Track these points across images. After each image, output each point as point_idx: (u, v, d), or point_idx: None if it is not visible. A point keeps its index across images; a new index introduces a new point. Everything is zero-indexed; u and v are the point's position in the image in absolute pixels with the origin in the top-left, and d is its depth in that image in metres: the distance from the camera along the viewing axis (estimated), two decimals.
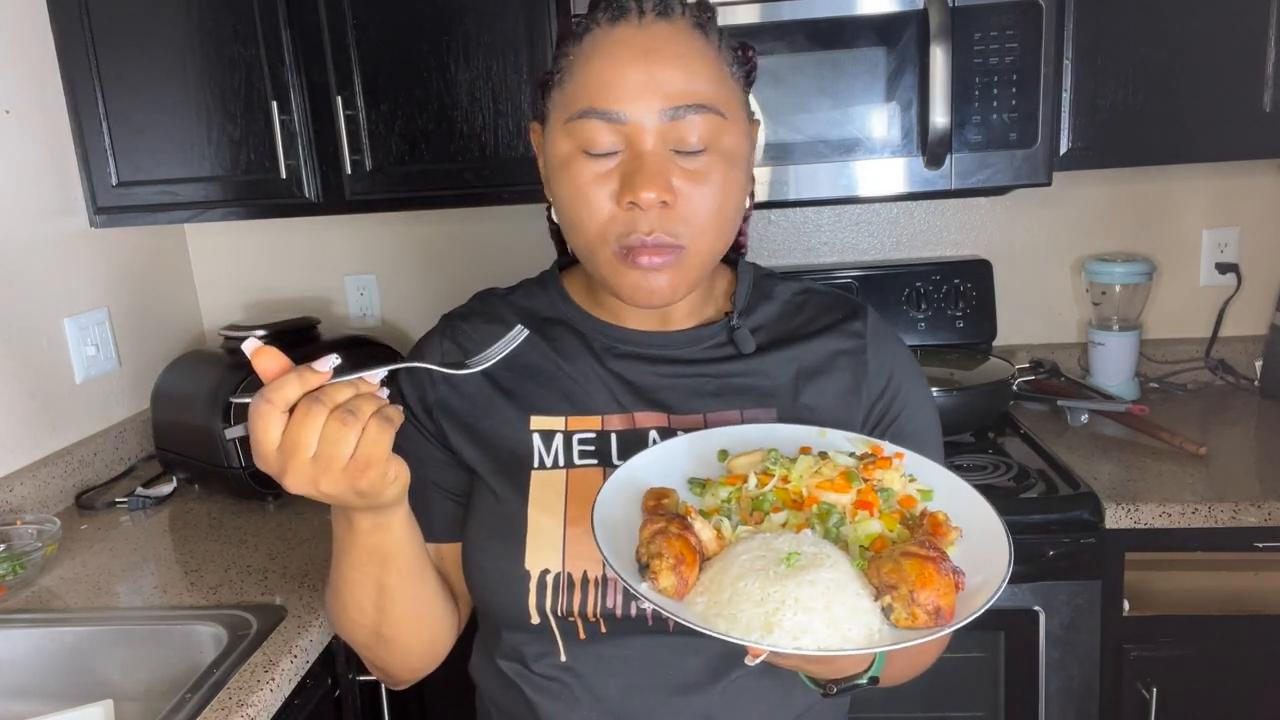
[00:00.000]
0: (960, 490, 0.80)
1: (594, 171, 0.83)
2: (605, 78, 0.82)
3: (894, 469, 0.79)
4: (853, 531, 0.74)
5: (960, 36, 1.57)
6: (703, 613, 0.68)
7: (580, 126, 0.82)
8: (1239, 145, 1.68)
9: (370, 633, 0.89)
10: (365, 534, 0.80)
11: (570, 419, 0.92)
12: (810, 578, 0.67)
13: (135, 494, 1.75)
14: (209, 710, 1.06)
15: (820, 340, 0.95)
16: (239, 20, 1.71)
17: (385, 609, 0.86)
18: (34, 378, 1.71)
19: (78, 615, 1.33)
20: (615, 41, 0.82)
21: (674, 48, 0.82)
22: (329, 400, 0.68)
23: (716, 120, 0.83)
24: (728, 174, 0.85)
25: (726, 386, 0.92)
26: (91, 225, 1.85)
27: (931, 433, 0.98)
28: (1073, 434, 1.80)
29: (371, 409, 0.69)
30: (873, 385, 0.94)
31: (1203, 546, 1.48)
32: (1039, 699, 1.53)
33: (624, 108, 0.81)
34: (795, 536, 0.71)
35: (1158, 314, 2.08)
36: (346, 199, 1.77)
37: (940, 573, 0.66)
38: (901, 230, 2.12)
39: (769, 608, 0.65)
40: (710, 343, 0.94)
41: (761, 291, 0.99)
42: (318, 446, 0.67)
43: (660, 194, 0.80)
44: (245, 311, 2.23)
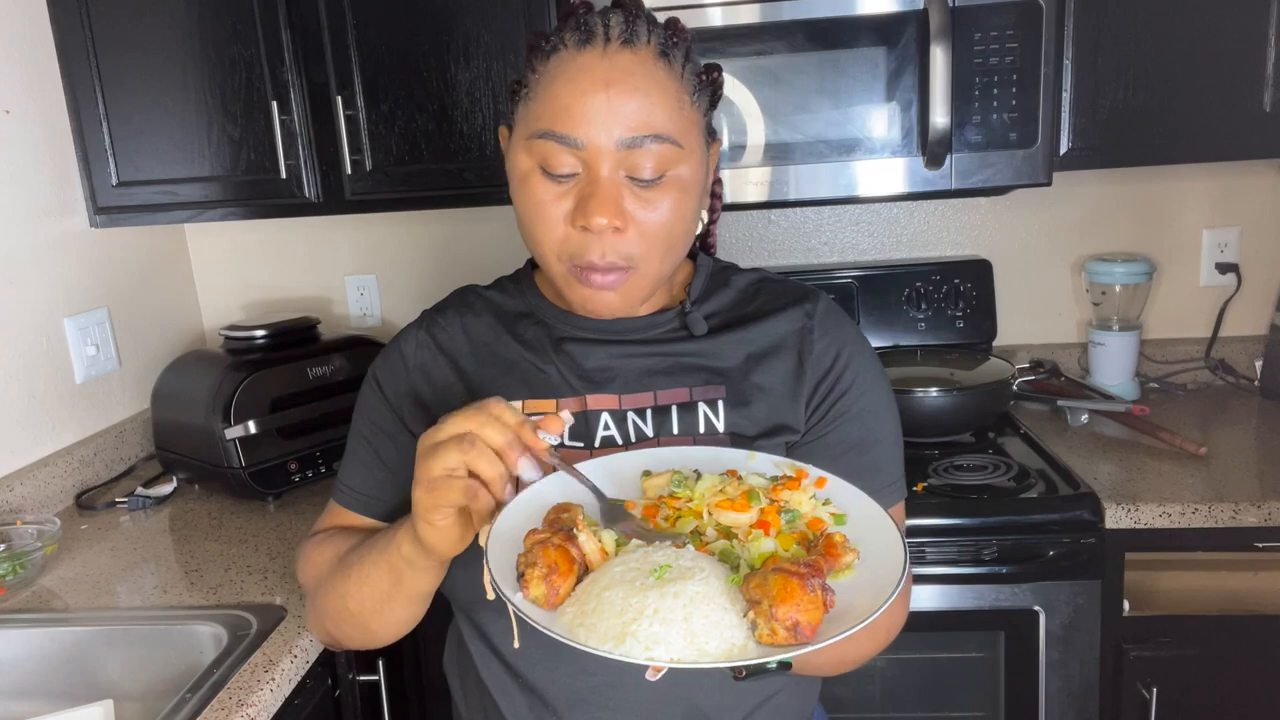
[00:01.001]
0: (873, 516, 0.79)
1: (551, 191, 0.87)
2: (565, 103, 0.84)
3: (803, 490, 0.80)
4: (746, 550, 0.75)
5: (960, 36, 1.57)
6: (569, 623, 0.68)
7: (540, 146, 0.86)
8: (1239, 145, 1.68)
9: (352, 619, 0.94)
10: (402, 555, 0.85)
11: (527, 403, 0.96)
12: (675, 590, 0.67)
13: (135, 494, 1.75)
14: (209, 710, 1.06)
15: (770, 322, 0.98)
16: (239, 20, 1.71)
17: (382, 613, 0.92)
18: (34, 378, 1.71)
19: (78, 615, 1.33)
20: (579, 68, 0.85)
21: (635, 79, 0.84)
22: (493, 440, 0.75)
23: (672, 150, 0.86)
24: (680, 201, 0.88)
25: (677, 365, 0.96)
26: (91, 225, 1.85)
27: (880, 414, 0.98)
28: (1073, 434, 1.80)
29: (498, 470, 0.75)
30: (819, 363, 0.96)
31: (1203, 546, 1.48)
32: (1039, 699, 1.53)
33: (582, 134, 0.84)
34: (675, 551, 0.72)
35: (1158, 314, 2.08)
36: (346, 199, 1.77)
37: (804, 589, 0.65)
38: (901, 230, 2.12)
39: (627, 618, 0.66)
40: (664, 327, 0.99)
41: (718, 281, 1.03)
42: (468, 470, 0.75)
43: (612, 220, 0.84)
44: (245, 311, 2.23)
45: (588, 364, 0.97)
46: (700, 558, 0.72)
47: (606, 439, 0.94)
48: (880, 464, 0.96)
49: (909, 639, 1.56)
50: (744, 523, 0.77)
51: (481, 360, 1.00)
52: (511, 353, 1.00)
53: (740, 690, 0.94)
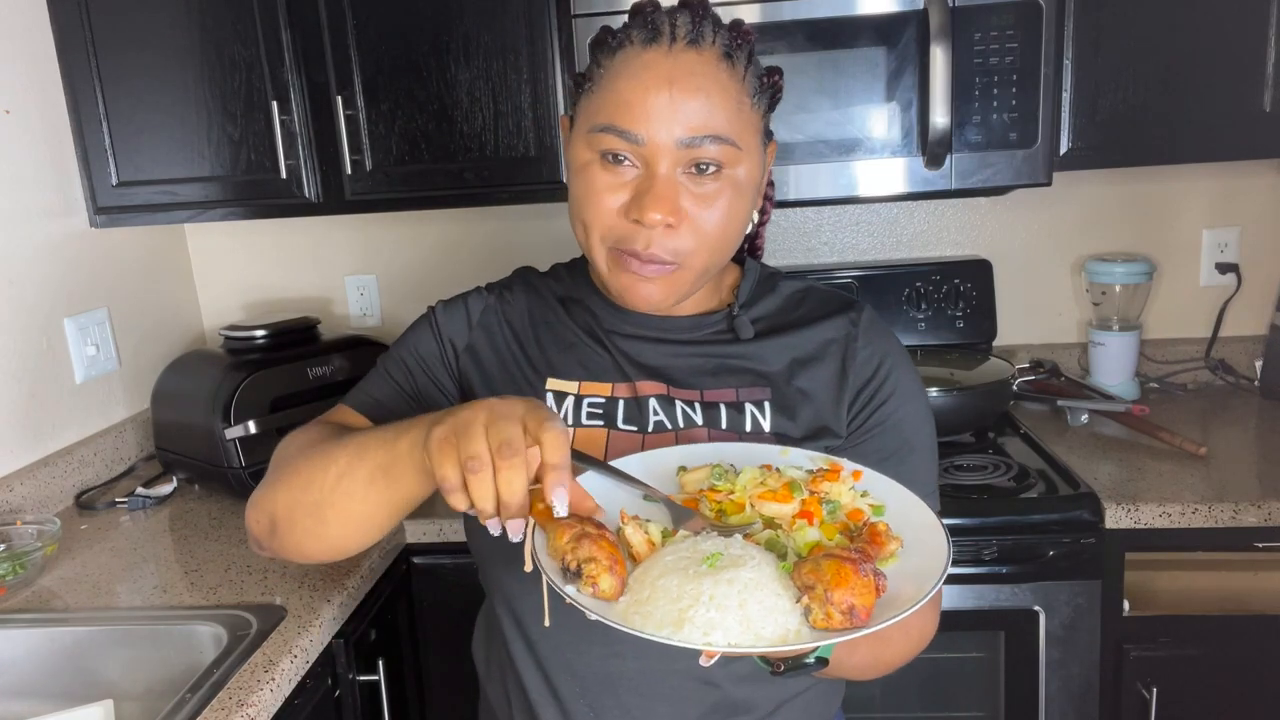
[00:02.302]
0: (913, 507, 0.80)
1: (608, 180, 0.88)
2: (628, 99, 0.86)
3: (841, 481, 0.81)
4: (791, 540, 0.75)
5: (960, 36, 1.57)
6: (624, 611, 0.69)
7: (600, 139, 0.87)
8: (1239, 145, 1.68)
9: (312, 502, 0.86)
10: (404, 454, 0.79)
11: (583, 384, 0.98)
12: (729, 576, 0.68)
13: (135, 494, 1.75)
14: (209, 710, 1.06)
15: (815, 329, 0.99)
16: (239, 20, 1.71)
17: (351, 496, 0.84)
18: (34, 378, 1.71)
19: (78, 615, 1.33)
20: (643, 65, 0.86)
21: (698, 79, 0.85)
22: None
23: (731, 151, 0.87)
24: (734, 201, 0.89)
25: (723, 366, 0.97)
26: (91, 225, 1.85)
27: (918, 425, 0.99)
28: (1073, 434, 1.80)
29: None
30: (861, 371, 0.97)
31: (1203, 546, 1.48)
32: (1039, 699, 1.53)
33: (643, 130, 0.85)
34: (723, 540, 0.73)
35: (1158, 314, 2.08)
36: (346, 199, 1.77)
37: (857, 573, 0.66)
38: (901, 230, 2.12)
39: (683, 604, 0.67)
40: (712, 328, 1.00)
41: (765, 287, 1.04)
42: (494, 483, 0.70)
43: (667, 216, 0.85)
44: (245, 311, 2.23)
45: (638, 357, 0.99)
46: (749, 546, 0.73)
47: (658, 424, 0.95)
48: (916, 474, 0.96)
49: None
50: (787, 514, 0.78)
51: (542, 338, 1.02)
52: (570, 334, 1.01)
53: (772, 685, 0.94)
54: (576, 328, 1.02)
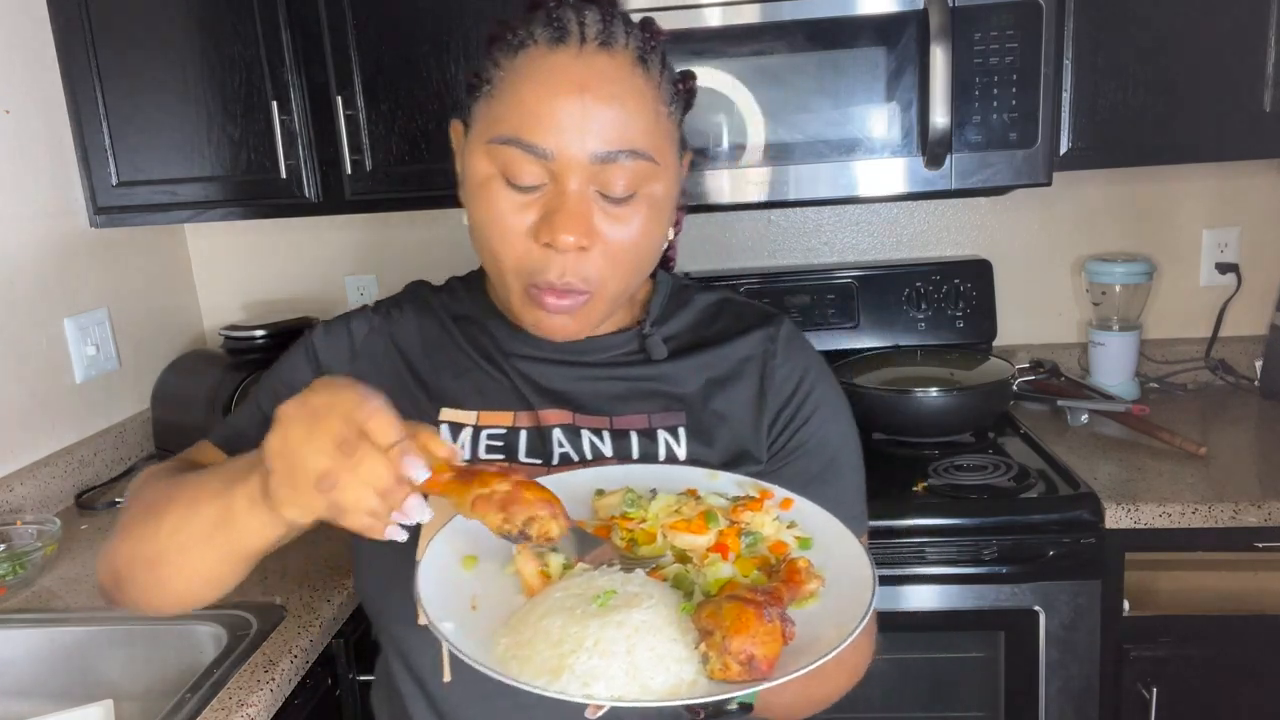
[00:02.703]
0: (843, 539, 0.74)
1: (512, 201, 0.80)
2: (534, 107, 0.77)
3: (765, 511, 0.75)
4: (701, 576, 0.69)
5: (960, 36, 1.57)
6: (501, 654, 0.63)
7: (503, 152, 0.79)
8: (1239, 145, 1.68)
9: (151, 559, 0.79)
10: (242, 495, 0.72)
11: (482, 414, 0.90)
12: (619, 618, 0.62)
13: None
14: (209, 710, 1.06)
15: (731, 346, 0.93)
16: (239, 20, 1.71)
17: (188, 553, 0.77)
18: (34, 378, 1.71)
19: (78, 615, 1.33)
20: (551, 69, 0.78)
21: (612, 85, 0.78)
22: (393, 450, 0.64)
23: (648, 167, 0.80)
24: (651, 220, 0.82)
25: (635, 390, 0.91)
26: (91, 225, 1.85)
27: (842, 445, 0.94)
28: (1073, 434, 1.80)
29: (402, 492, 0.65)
30: (780, 390, 0.92)
31: (1203, 546, 1.48)
32: (1039, 699, 1.53)
33: (552, 144, 0.77)
34: (622, 576, 0.67)
35: (1158, 314, 2.08)
36: (346, 199, 1.77)
37: (760, 619, 0.60)
38: (901, 230, 2.12)
39: (564, 649, 0.61)
40: (622, 349, 0.93)
41: (679, 301, 0.97)
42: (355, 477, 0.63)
43: (580, 238, 0.78)
44: (245, 311, 2.23)
45: (541, 382, 0.91)
46: (650, 583, 0.67)
47: (563, 456, 0.87)
48: (842, 497, 0.91)
49: (909, 639, 1.58)
50: (701, 546, 0.71)
51: (435, 362, 0.94)
52: (465, 358, 0.93)
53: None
54: (473, 351, 0.93)
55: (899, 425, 1.80)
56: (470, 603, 0.70)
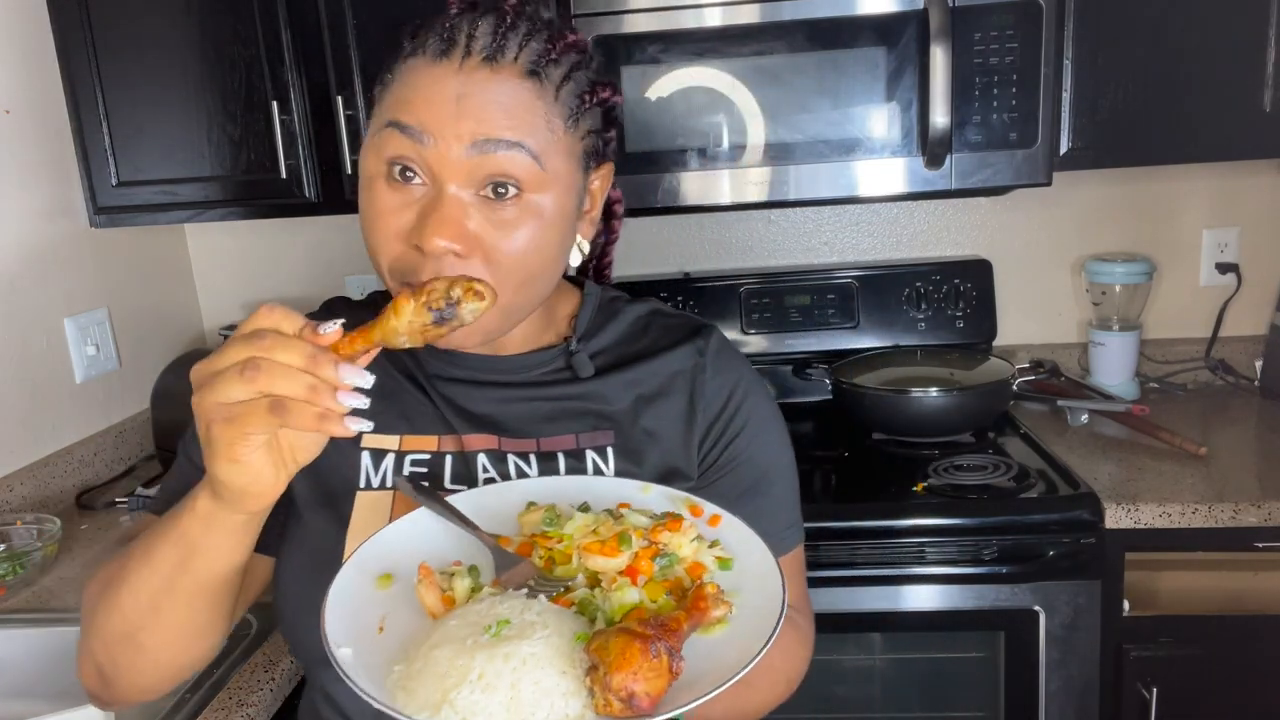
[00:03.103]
0: (761, 564, 0.72)
1: (393, 200, 0.77)
2: (411, 99, 0.77)
3: (683, 532, 0.72)
4: (607, 601, 0.67)
5: (960, 36, 1.57)
6: (393, 683, 0.62)
7: (384, 140, 0.77)
8: (1239, 145, 1.68)
9: (124, 634, 0.77)
10: (195, 514, 0.70)
11: (405, 438, 0.88)
12: (507, 650, 0.60)
13: (135, 494, 1.75)
14: (209, 710, 1.06)
15: (660, 360, 0.91)
16: (239, 20, 1.71)
17: (160, 611, 0.75)
18: (34, 378, 1.71)
19: (78, 615, 1.31)
20: (430, 79, 0.77)
21: (491, 94, 0.76)
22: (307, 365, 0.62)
23: (530, 167, 0.76)
24: (538, 232, 0.78)
25: (562, 410, 0.88)
26: (91, 225, 1.85)
27: (775, 455, 0.93)
28: (1073, 434, 1.80)
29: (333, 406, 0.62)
30: (710, 405, 0.90)
31: (1203, 546, 1.48)
32: (1039, 699, 1.53)
33: (427, 127, 0.75)
34: (522, 603, 0.65)
35: (1158, 314, 2.08)
36: (346, 199, 1.77)
37: (645, 654, 0.58)
38: (901, 230, 2.12)
39: (449, 683, 0.59)
40: (547, 367, 0.90)
41: (607, 313, 0.95)
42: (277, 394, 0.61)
43: (452, 241, 0.74)
44: (245, 311, 2.23)
45: (465, 405, 0.88)
46: (550, 611, 0.65)
47: (488, 481, 0.86)
48: (776, 507, 0.91)
49: (909, 639, 1.58)
50: (613, 568, 0.69)
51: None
52: (389, 380, 0.89)
53: None
54: (396, 371, 0.90)
55: (899, 425, 1.80)
56: (379, 624, 0.69)
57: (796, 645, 0.90)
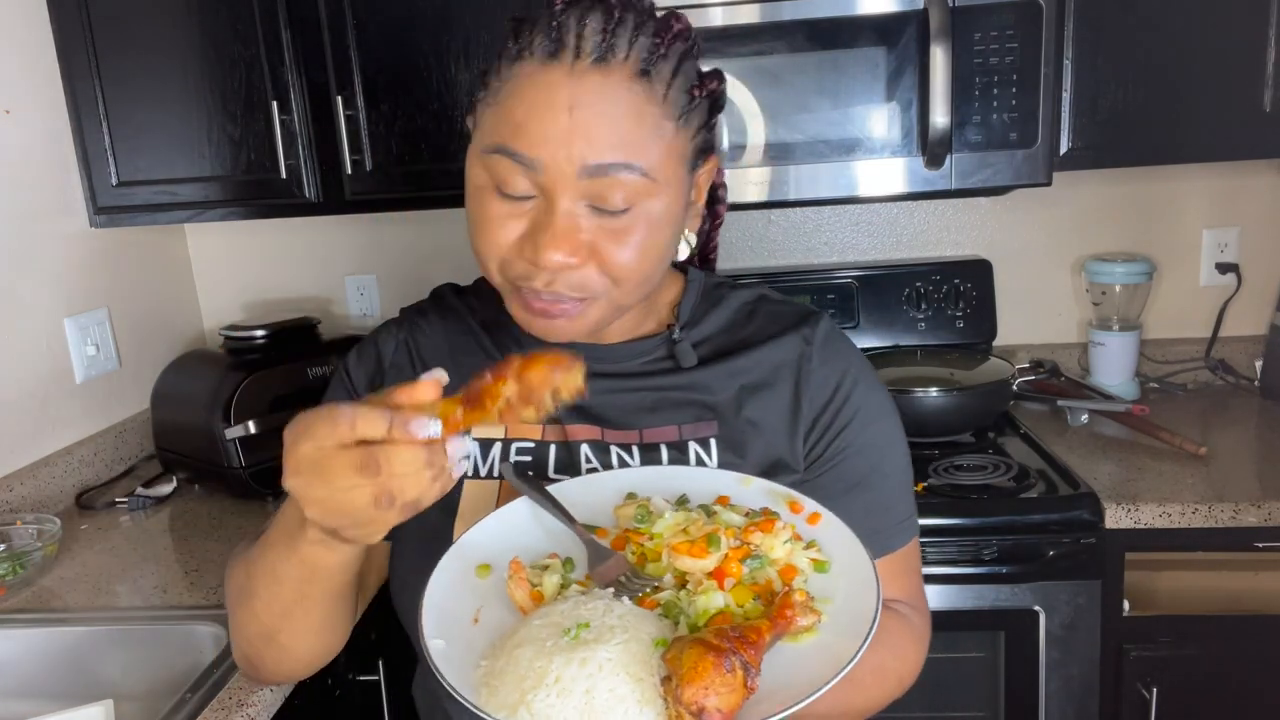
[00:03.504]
0: (859, 570, 0.69)
1: (502, 210, 0.78)
2: (524, 122, 0.75)
3: (776, 533, 0.70)
4: (691, 605, 0.65)
5: (960, 36, 1.57)
6: (479, 678, 0.63)
7: (494, 163, 0.77)
8: (1239, 145, 1.68)
9: (263, 634, 0.82)
10: (310, 543, 0.72)
11: (510, 427, 0.88)
12: (584, 655, 0.60)
13: (135, 494, 1.75)
14: (209, 710, 1.06)
15: (765, 350, 0.89)
16: (239, 20, 1.71)
17: (293, 617, 0.79)
18: (34, 378, 1.71)
19: (78, 615, 1.33)
20: (542, 85, 0.75)
21: (605, 104, 0.74)
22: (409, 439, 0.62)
23: (644, 184, 0.76)
24: (650, 237, 0.78)
25: (665, 400, 0.87)
26: (91, 225, 1.85)
27: (886, 446, 0.90)
28: (1073, 434, 1.80)
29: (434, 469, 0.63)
30: (816, 395, 0.88)
31: (1203, 546, 1.48)
32: (1039, 699, 1.53)
33: (540, 155, 0.74)
34: (605, 605, 0.65)
35: (1158, 314, 2.08)
36: (346, 199, 1.77)
37: (718, 668, 0.57)
38: (901, 230, 2.12)
39: (527, 685, 0.59)
40: (649, 356, 0.90)
41: (711, 300, 0.93)
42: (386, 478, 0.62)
43: (566, 257, 0.75)
44: (245, 311, 2.23)
45: None
46: (632, 615, 0.64)
47: (591, 472, 0.86)
48: (888, 501, 0.88)
49: None
50: (701, 570, 0.68)
51: (463, 371, 0.88)
52: (490, 364, 0.92)
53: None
54: (497, 355, 0.91)
55: None
56: (474, 615, 0.70)
57: (909, 644, 0.88)
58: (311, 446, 0.62)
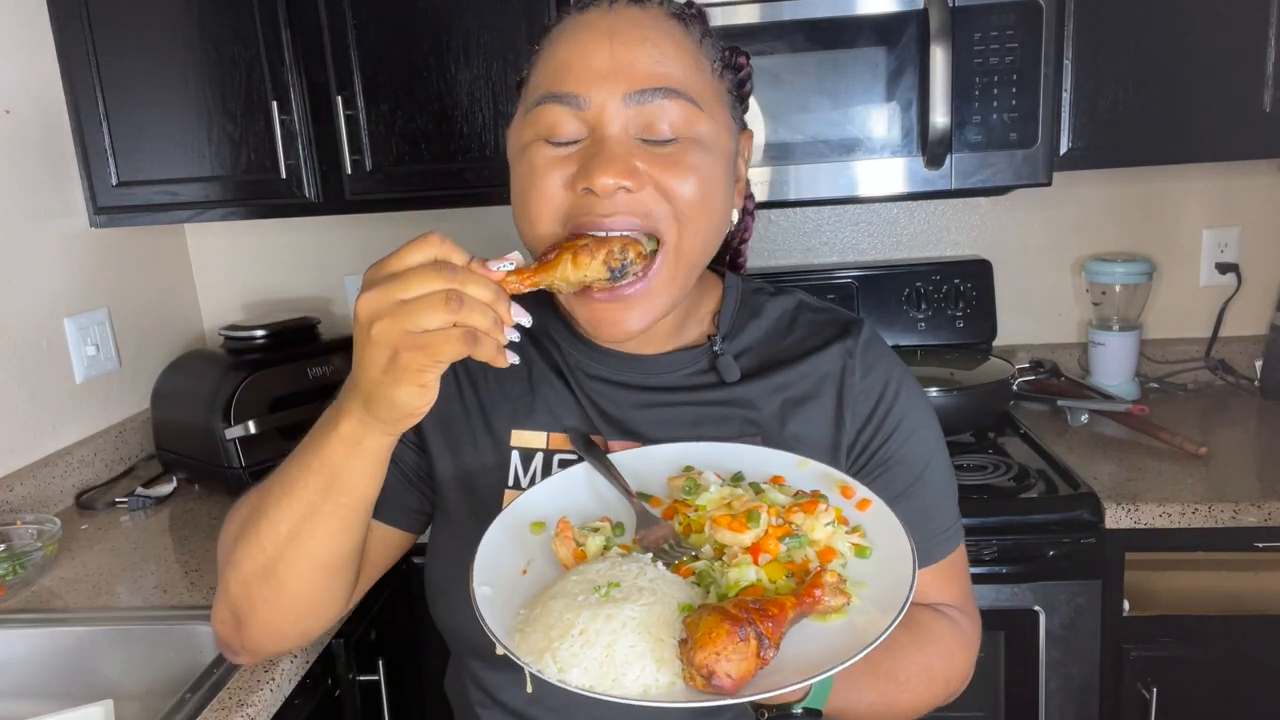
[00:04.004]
0: (899, 560, 0.70)
1: (550, 156, 0.77)
2: (567, 60, 0.76)
3: (818, 515, 0.72)
4: (724, 576, 0.68)
5: (960, 36, 1.57)
6: (513, 625, 0.66)
7: (540, 114, 0.77)
8: (1239, 145, 1.68)
9: (262, 570, 0.78)
10: (341, 437, 0.72)
11: (552, 435, 0.87)
12: (610, 611, 0.63)
13: (135, 494, 1.75)
14: (209, 710, 1.06)
15: (808, 363, 0.88)
16: (239, 20, 1.71)
17: (299, 540, 0.76)
18: (34, 378, 1.71)
19: (78, 615, 1.33)
20: (580, 25, 0.78)
21: (642, 30, 0.76)
22: (463, 285, 0.64)
23: (689, 109, 0.76)
24: (705, 160, 0.77)
25: (707, 416, 0.86)
26: (91, 225, 1.85)
27: (929, 455, 0.89)
28: (1073, 434, 1.80)
29: (480, 321, 0.64)
30: (859, 407, 0.87)
31: (1203, 546, 1.48)
32: (1039, 699, 1.53)
33: (584, 92, 0.75)
34: (638, 568, 0.67)
35: (1158, 314, 2.08)
36: (346, 199, 1.77)
37: (732, 636, 0.58)
38: (901, 230, 2.12)
39: (554, 634, 0.63)
40: (691, 369, 0.88)
41: (750, 309, 0.92)
42: (422, 310, 0.63)
43: (620, 178, 0.73)
44: (245, 311, 2.23)
45: (609, 410, 0.87)
46: (664, 580, 0.66)
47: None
48: (932, 511, 0.88)
49: None
50: (738, 544, 0.70)
51: (503, 377, 0.89)
52: (533, 371, 0.89)
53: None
54: (543, 363, 0.89)
55: None
56: (524, 567, 0.73)
57: (958, 648, 0.88)
58: (397, 261, 0.65)
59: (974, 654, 0.90)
